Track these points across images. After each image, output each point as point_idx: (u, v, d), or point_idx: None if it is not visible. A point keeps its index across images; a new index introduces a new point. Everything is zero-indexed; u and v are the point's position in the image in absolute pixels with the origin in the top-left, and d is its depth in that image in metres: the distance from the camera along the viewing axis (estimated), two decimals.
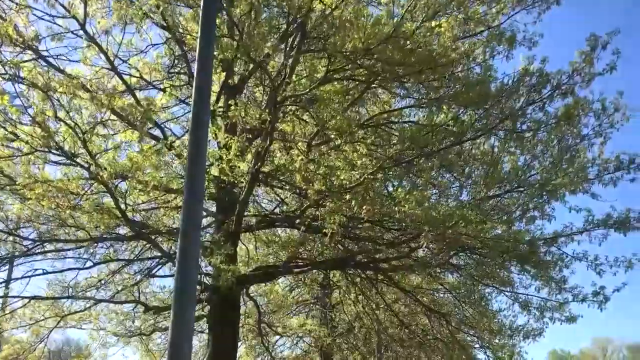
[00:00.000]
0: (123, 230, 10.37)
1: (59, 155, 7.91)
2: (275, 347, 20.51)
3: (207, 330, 12.90)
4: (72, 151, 7.70)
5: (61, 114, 7.41)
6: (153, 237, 9.83)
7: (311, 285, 16.67)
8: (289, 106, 8.73)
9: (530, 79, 8.60)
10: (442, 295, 15.65)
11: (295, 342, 21.20)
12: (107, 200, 8.92)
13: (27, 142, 7.55)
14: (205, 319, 12.43)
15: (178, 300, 5.06)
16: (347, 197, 8.21)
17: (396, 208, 8.07)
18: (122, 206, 8.58)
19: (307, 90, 8.01)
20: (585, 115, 11.15)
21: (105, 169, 7.59)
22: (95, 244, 10.14)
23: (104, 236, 9.77)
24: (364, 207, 7.98)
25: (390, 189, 9.69)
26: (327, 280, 17.19)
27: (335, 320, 19.76)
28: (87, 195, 8.53)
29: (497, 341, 13.50)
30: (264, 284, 15.31)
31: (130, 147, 8.76)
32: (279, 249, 12.86)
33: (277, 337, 19.95)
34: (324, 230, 8.66)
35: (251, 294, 15.03)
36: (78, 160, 7.86)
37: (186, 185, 5.45)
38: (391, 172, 8.39)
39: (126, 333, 14.42)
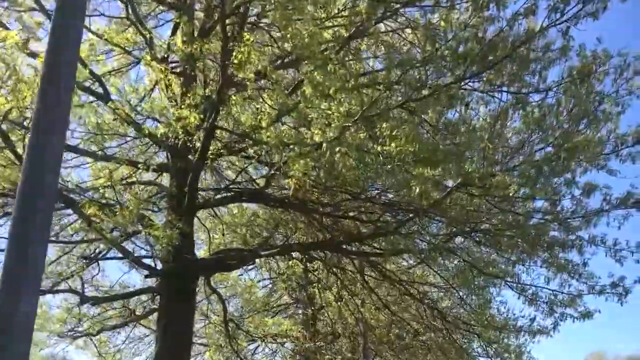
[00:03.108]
0: None
1: None
2: (250, 353, 18.39)
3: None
4: None
5: None
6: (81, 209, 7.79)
7: (289, 282, 14.69)
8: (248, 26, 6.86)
9: None
10: (435, 291, 13.74)
11: (273, 349, 19.13)
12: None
13: None
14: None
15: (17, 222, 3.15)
16: (316, 138, 6.34)
17: (379, 148, 6.23)
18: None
19: None
20: (602, 81, 9.51)
21: None
22: None
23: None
24: (337, 150, 6.12)
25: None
26: (306, 278, 15.22)
27: (317, 324, 17.75)
28: None
29: (499, 338, 11.55)
30: (229, 274, 13.30)
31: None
32: (246, 231, 10.95)
33: (253, 343, 17.94)
34: (289, 176, 6.78)
35: (217, 289, 13.07)
36: None
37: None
38: (374, 115, 6.52)
39: (72, 333, 12.35)
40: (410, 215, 8.63)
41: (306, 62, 7.77)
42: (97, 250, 10.81)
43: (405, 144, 5.94)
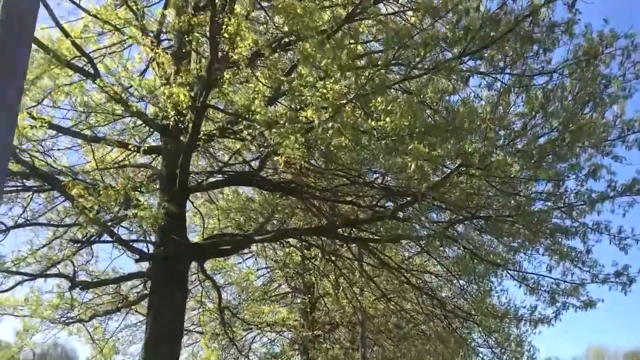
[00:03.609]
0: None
1: None
2: (247, 342, 18.17)
3: None
4: None
5: None
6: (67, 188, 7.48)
7: (286, 270, 14.44)
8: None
9: None
10: (435, 280, 13.48)
11: (271, 339, 18.89)
12: None
13: None
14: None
15: None
16: (309, 115, 6.05)
17: (373, 123, 5.93)
18: None
19: None
20: (608, 64, 9.15)
21: None
22: None
23: None
24: (331, 125, 5.82)
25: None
26: (303, 266, 14.93)
27: (316, 313, 17.50)
28: None
29: (500, 327, 11.26)
30: (226, 262, 13.04)
31: None
32: (241, 216, 10.67)
33: (250, 332, 17.71)
34: (279, 154, 6.51)
35: (213, 277, 12.80)
36: None
37: None
38: (370, 93, 6.19)
39: (64, 319, 12.14)
40: (408, 199, 8.34)
41: (301, 41, 7.48)
42: (88, 235, 10.54)
43: (401, 118, 5.65)
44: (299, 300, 18.56)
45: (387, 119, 5.71)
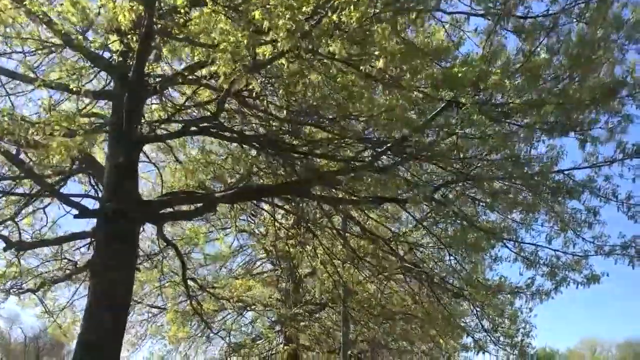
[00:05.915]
0: None
1: None
2: (226, 321, 17.00)
3: None
4: None
5: None
6: None
7: (262, 241, 13.27)
8: None
9: None
10: (421, 251, 12.28)
11: (250, 318, 17.74)
12: None
13: None
14: None
15: None
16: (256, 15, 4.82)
17: (335, 17, 4.68)
18: None
19: None
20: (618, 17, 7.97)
21: None
22: None
23: None
24: (282, 24, 4.59)
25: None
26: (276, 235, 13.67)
27: (299, 292, 16.36)
28: None
29: (492, 300, 10.07)
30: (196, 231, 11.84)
31: None
32: (206, 175, 9.45)
33: (229, 315, 16.58)
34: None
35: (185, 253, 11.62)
36: None
37: None
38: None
39: (14, 290, 10.94)
40: (389, 145, 7.15)
41: None
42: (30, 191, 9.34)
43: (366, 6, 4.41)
44: (281, 279, 17.43)
45: (351, 9, 4.49)
